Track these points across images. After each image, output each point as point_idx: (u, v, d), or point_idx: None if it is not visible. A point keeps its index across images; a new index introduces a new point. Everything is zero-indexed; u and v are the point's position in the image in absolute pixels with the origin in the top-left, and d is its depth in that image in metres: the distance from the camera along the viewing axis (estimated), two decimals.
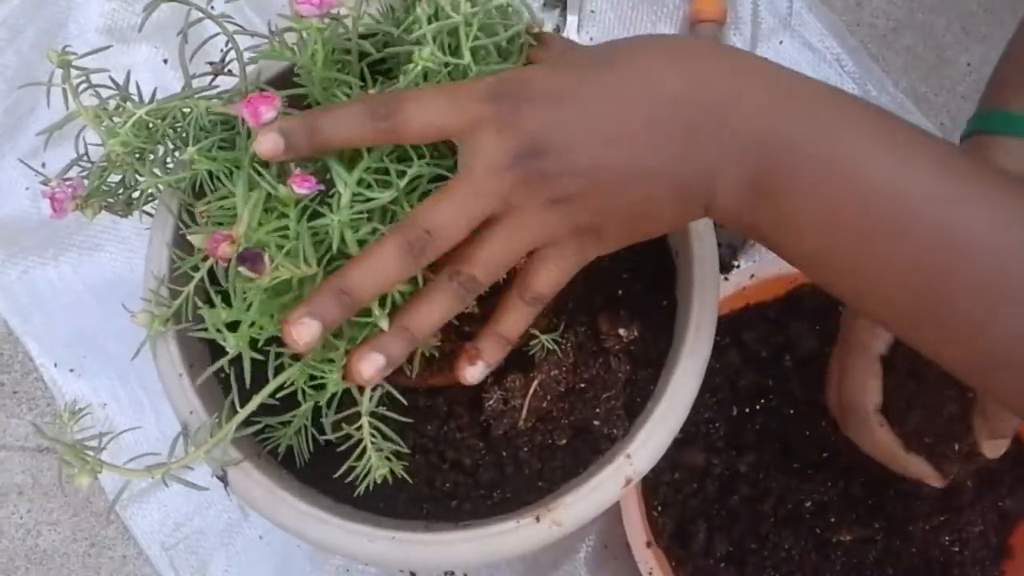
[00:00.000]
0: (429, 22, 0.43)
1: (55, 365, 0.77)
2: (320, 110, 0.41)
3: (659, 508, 0.69)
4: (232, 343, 0.43)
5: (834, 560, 0.68)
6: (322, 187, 0.41)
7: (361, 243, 0.42)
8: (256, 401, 0.46)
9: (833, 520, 0.69)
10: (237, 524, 0.74)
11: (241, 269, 0.40)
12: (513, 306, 0.44)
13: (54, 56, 0.48)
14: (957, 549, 0.68)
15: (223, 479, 0.49)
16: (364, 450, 0.46)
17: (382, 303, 0.42)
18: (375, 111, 0.40)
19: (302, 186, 0.41)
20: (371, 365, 0.41)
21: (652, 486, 0.68)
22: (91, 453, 0.45)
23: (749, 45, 0.89)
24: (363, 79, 0.46)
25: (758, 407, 0.71)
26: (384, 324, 0.42)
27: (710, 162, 0.40)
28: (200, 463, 0.49)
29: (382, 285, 0.40)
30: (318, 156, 0.42)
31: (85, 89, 0.49)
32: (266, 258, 0.40)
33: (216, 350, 0.54)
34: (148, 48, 0.84)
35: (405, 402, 0.46)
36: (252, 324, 0.43)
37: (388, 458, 0.46)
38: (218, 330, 0.43)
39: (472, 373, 0.44)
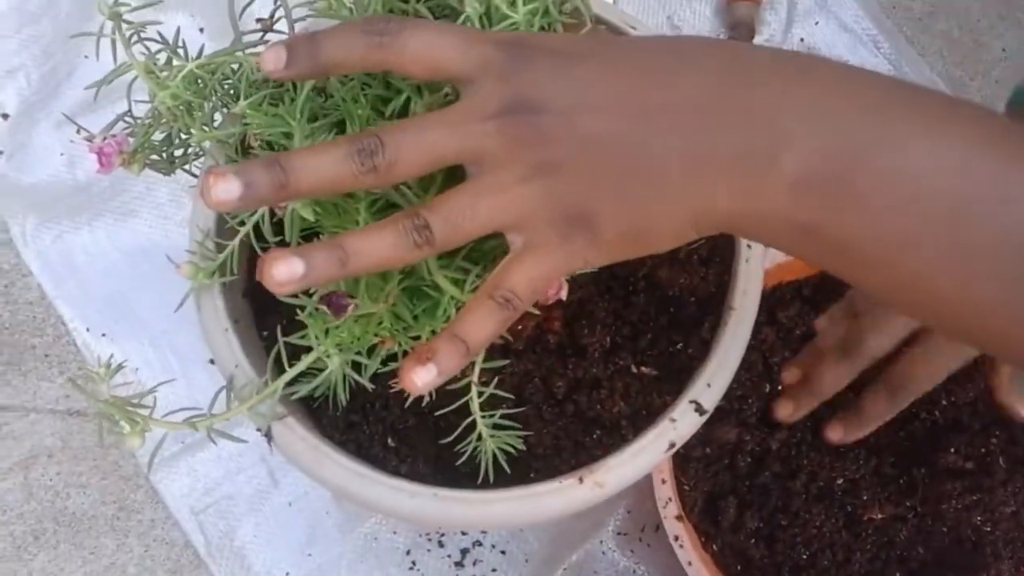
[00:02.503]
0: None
1: (87, 329, 0.77)
2: (325, 28, 0.39)
3: (690, 484, 0.69)
4: (336, 363, 0.44)
5: (864, 538, 0.68)
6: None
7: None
8: (307, 361, 0.46)
9: (865, 498, 0.68)
10: (267, 490, 0.74)
11: (321, 308, 0.40)
12: (479, 305, 0.37)
13: (104, 8, 0.48)
14: (988, 529, 0.68)
15: (267, 434, 0.49)
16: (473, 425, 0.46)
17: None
18: (376, 28, 0.37)
19: None
20: (287, 269, 0.36)
21: (683, 461, 0.68)
22: (138, 411, 0.45)
23: (785, 25, 0.89)
24: None
25: None
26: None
27: (747, 144, 0.35)
28: (241, 420, 0.49)
29: (319, 175, 0.36)
30: (320, 77, 0.39)
31: (135, 42, 0.49)
32: (349, 303, 0.40)
33: (259, 308, 0.54)
34: (185, 17, 0.84)
35: None
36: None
37: (492, 435, 0.46)
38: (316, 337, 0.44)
39: (421, 378, 0.36)
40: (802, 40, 0.89)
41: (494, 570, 0.73)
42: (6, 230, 0.79)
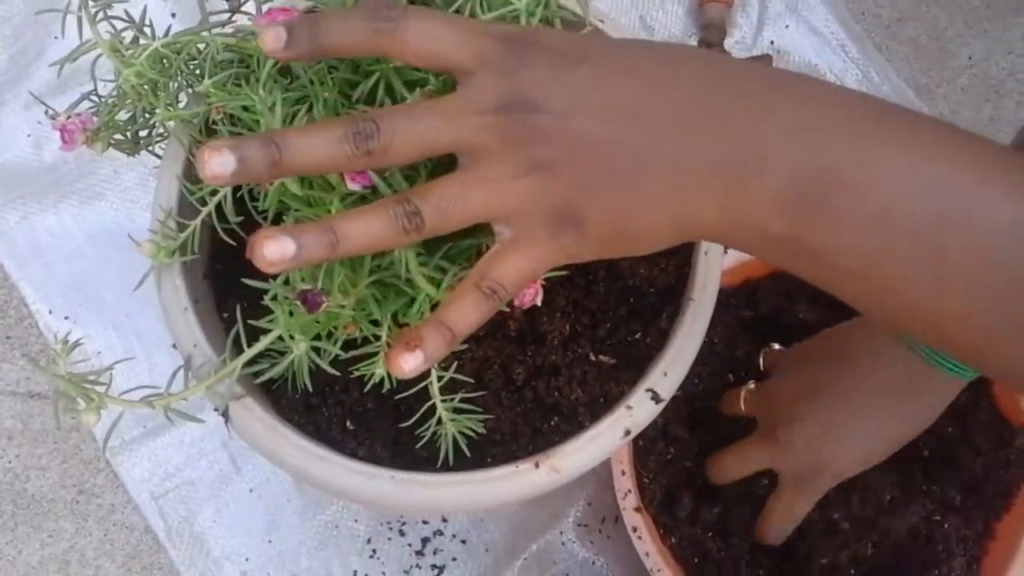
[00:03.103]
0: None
1: (50, 312, 0.77)
2: (327, 11, 0.39)
3: (649, 476, 0.69)
4: (302, 348, 0.44)
5: (820, 534, 0.69)
6: (371, 183, 0.40)
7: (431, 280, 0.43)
8: (265, 341, 0.46)
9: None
10: (228, 476, 0.74)
11: (297, 304, 0.41)
12: (465, 294, 0.38)
13: None
14: (941, 523, 0.69)
15: (224, 414, 0.49)
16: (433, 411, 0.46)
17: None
18: (378, 15, 0.37)
19: (355, 181, 0.40)
20: (278, 248, 0.36)
21: (643, 454, 0.69)
22: (95, 388, 0.45)
23: (755, 28, 0.90)
24: None
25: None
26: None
27: (731, 156, 0.36)
28: (206, 405, 0.49)
29: (313, 156, 0.37)
30: (318, 59, 0.40)
31: (102, 19, 0.49)
32: (323, 300, 0.41)
33: (219, 290, 0.54)
34: (156, 1, 0.83)
35: None
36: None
37: (452, 419, 0.47)
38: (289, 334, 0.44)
39: (409, 363, 0.37)
40: (772, 43, 0.91)
41: (454, 559, 0.73)
42: None
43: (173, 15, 0.84)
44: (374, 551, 0.73)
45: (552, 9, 0.44)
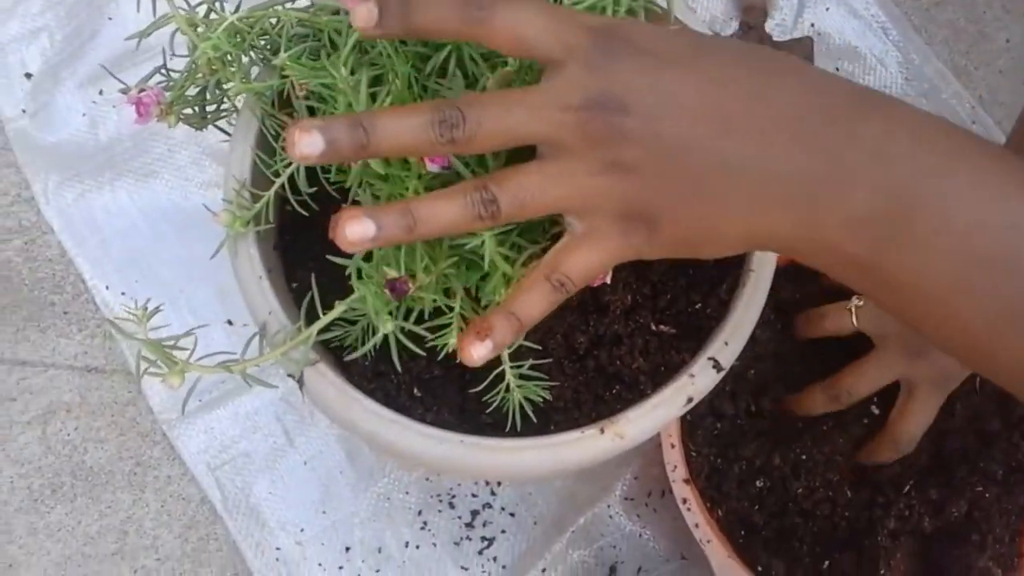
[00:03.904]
0: None
1: (107, 288, 0.78)
2: None
3: (697, 450, 0.70)
4: (390, 328, 0.45)
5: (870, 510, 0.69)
6: (450, 165, 0.41)
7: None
8: (341, 308, 0.47)
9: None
10: (282, 449, 0.75)
11: (386, 292, 0.42)
12: (534, 285, 0.39)
13: None
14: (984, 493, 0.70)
15: (299, 380, 0.50)
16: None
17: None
18: (470, 0, 0.37)
19: (434, 163, 0.41)
20: (359, 229, 0.37)
21: (691, 428, 0.70)
22: (176, 353, 0.46)
23: (796, 10, 0.91)
24: None
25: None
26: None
27: (817, 174, 0.37)
28: (264, 368, 0.50)
29: (399, 140, 0.37)
30: (410, 38, 0.40)
31: None
32: (409, 287, 0.42)
33: (288, 259, 0.56)
34: None
35: None
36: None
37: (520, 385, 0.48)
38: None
39: (478, 352, 0.38)
40: (812, 25, 0.91)
41: (503, 531, 0.74)
42: (28, 187, 0.80)
43: None
44: (425, 523, 0.74)
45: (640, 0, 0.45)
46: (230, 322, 0.77)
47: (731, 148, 0.37)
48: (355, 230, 0.37)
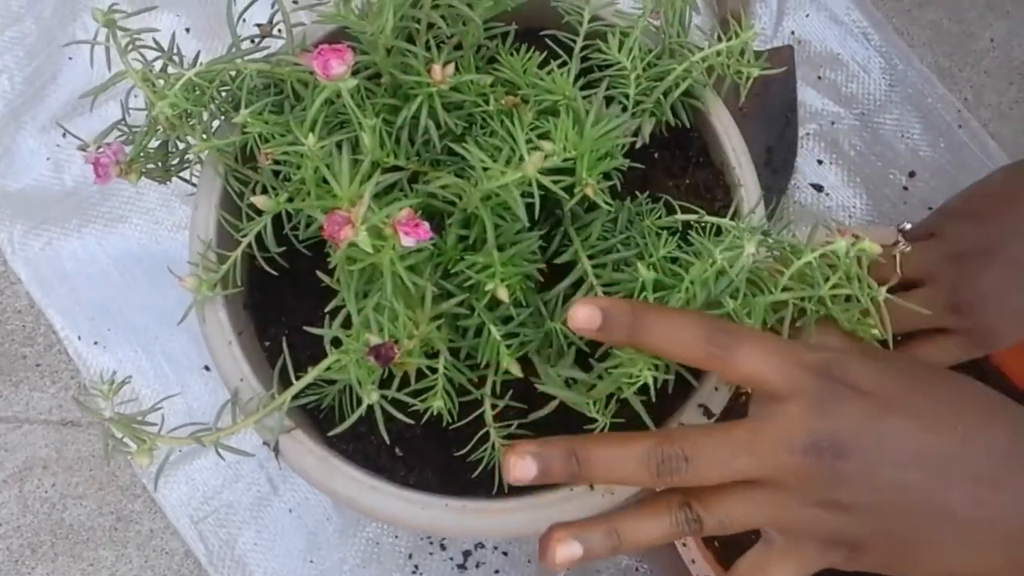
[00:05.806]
0: None
1: (79, 338, 0.76)
2: (655, 313, 0.40)
3: None
4: (375, 398, 0.43)
5: None
6: (427, 237, 0.37)
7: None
8: (314, 373, 0.45)
9: None
10: (267, 497, 0.73)
11: (370, 359, 0.40)
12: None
13: (99, 15, 0.46)
14: None
15: (275, 448, 0.48)
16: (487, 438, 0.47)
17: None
18: (713, 339, 0.39)
19: (409, 238, 0.36)
20: (567, 551, 0.40)
21: None
22: (144, 429, 0.44)
23: (775, 17, 0.89)
24: (428, 49, 0.45)
25: None
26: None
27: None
28: (245, 432, 0.48)
29: (613, 474, 0.39)
30: (633, 349, 0.41)
31: (131, 50, 0.48)
32: (396, 353, 0.40)
33: (259, 317, 0.54)
34: (170, 17, 0.82)
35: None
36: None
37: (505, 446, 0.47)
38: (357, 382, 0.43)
39: (562, 554, 0.40)
40: (792, 33, 0.89)
41: (496, 571, 0.73)
42: None
43: (188, 30, 0.83)
44: (416, 567, 0.72)
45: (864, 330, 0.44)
46: (207, 368, 0.75)
47: (943, 494, 0.38)
48: (563, 553, 0.39)
